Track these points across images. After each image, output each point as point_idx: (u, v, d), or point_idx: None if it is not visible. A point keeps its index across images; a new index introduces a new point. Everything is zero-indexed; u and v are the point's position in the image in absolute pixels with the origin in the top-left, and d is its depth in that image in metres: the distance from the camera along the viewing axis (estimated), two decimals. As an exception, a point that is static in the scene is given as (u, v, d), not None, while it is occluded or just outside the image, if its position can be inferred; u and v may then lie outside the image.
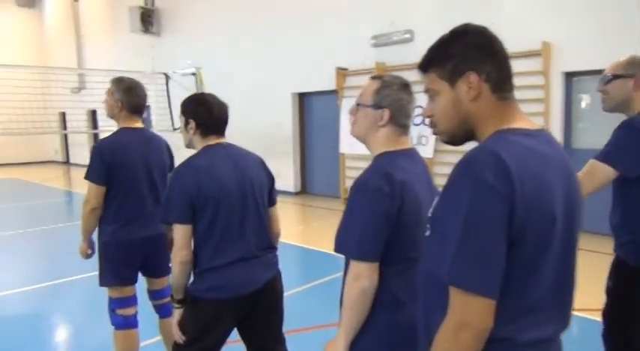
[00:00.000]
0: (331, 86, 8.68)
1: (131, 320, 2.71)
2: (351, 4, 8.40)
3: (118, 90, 2.69)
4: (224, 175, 2.03)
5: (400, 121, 1.58)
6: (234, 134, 2.60)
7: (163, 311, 2.85)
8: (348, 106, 8.22)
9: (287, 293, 2.32)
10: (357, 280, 1.41)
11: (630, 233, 1.99)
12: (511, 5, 6.46)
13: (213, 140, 2.11)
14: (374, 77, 1.64)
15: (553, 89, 6.20)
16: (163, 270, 2.77)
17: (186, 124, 2.12)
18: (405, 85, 1.60)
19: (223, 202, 2.00)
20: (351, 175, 8.45)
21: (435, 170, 6.80)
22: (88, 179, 2.59)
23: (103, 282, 2.67)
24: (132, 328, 2.70)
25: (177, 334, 2.06)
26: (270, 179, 2.25)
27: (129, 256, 2.66)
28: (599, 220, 2.85)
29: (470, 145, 1.13)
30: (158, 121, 10.23)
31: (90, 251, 2.75)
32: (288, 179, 9.61)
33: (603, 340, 2.13)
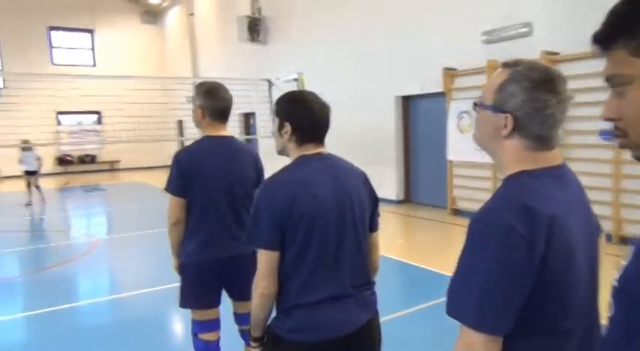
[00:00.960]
0: (438, 88, 8.10)
1: (213, 346, 2.49)
2: (459, -2, 7.79)
3: (198, 95, 2.44)
4: (321, 194, 1.66)
5: (534, 132, 1.07)
6: (334, 140, 2.25)
7: (249, 338, 2.61)
8: (457, 109, 7.79)
9: (385, 318, 1.93)
10: None
11: None
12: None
13: (312, 149, 1.73)
14: (506, 64, 1.13)
15: None
16: (249, 292, 2.51)
17: (281, 127, 1.73)
18: (548, 79, 1.07)
19: (318, 226, 1.64)
20: (459, 184, 7.82)
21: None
22: (167, 190, 2.39)
23: (183, 304, 2.48)
24: (213, 354, 2.49)
25: None
26: (374, 200, 1.83)
27: (207, 278, 2.43)
28: None
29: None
30: (260, 127, 10.36)
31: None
32: (390, 187, 9.18)
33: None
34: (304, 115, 1.71)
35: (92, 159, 19.53)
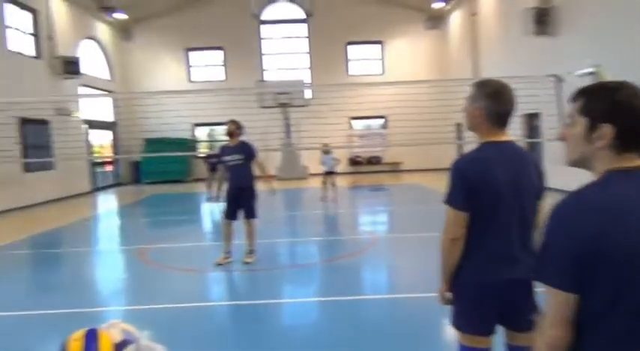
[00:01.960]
0: None
1: (478, 376, 2.32)
2: None
3: (481, 96, 2.21)
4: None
5: None
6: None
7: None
8: None
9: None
10: None
11: None
12: None
13: (632, 161, 1.31)
14: None
15: None
16: (529, 322, 2.17)
17: (591, 129, 1.32)
18: None
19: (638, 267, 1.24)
20: None
21: None
22: (448, 203, 2.20)
23: (455, 324, 2.34)
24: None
25: None
26: None
27: (486, 303, 2.21)
28: None
29: None
30: (547, 129, 9.43)
31: (449, 295, 2.32)
32: None
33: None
34: (634, 113, 1.28)
35: (378, 160, 21.29)
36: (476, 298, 2.22)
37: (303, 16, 21.63)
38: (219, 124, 20.77)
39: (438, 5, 20.03)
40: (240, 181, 6.28)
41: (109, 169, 19.88)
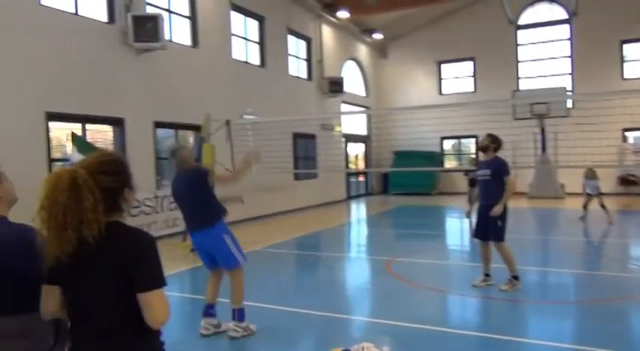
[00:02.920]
0: None
1: None
2: None
3: None
4: None
5: None
6: None
7: None
8: None
9: None
10: None
11: None
12: None
13: None
14: None
15: None
16: None
17: None
18: None
19: None
20: None
21: None
22: None
23: None
24: None
25: None
26: None
27: None
28: None
29: None
30: None
31: None
32: None
33: None
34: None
35: (656, 180, 17.73)
36: None
37: (565, 16, 19.57)
38: (467, 137, 20.48)
39: None
40: (486, 198, 6.08)
41: (362, 179, 21.52)
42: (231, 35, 13.22)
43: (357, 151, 21.02)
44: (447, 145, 21.79)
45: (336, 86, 17.57)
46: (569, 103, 17.27)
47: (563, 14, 19.65)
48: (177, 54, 11.13)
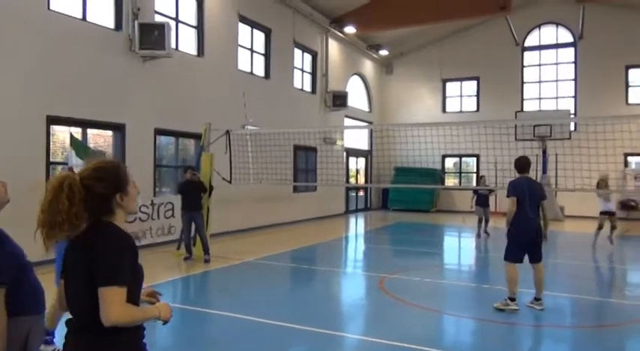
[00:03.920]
0: None
1: None
2: None
3: None
4: None
5: None
6: None
7: None
8: None
9: None
10: None
11: None
12: None
13: None
14: None
15: None
16: None
17: None
18: None
19: None
20: None
21: None
22: None
23: None
24: None
25: None
26: None
27: None
28: None
29: None
30: None
31: None
32: None
33: None
34: None
35: (661, 205, 17.65)
36: None
37: (570, 39, 19.66)
38: (468, 156, 20.46)
39: None
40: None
41: (361, 193, 21.48)
42: (237, 46, 13.31)
43: (358, 165, 21.01)
44: (449, 163, 21.78)
45: (339, 100, 17.62)
46: (572, 126, 17.27)
47: (569, 37, 19.75)
48: (182, 62, 11.21)
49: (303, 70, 16.74)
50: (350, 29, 17.64)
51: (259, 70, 14.45)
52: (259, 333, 5.11)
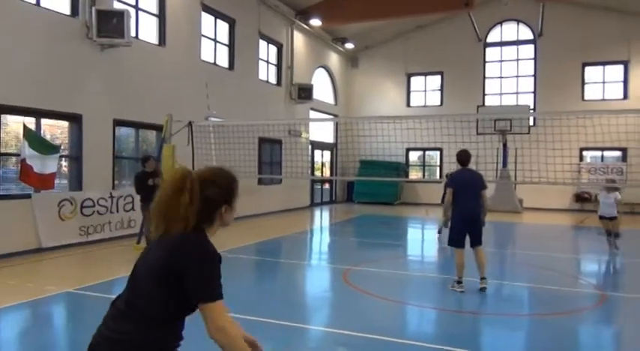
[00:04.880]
0: None
1: None
2: None
3: None
4: None
5: None
6: None
7: None
8: None
9: None
10: None
11: None
12: None
13: None
14: None
15: None
16: None
17: None
18: None
19: None
20: None
21: None
22: None
23: None
24: None
25: None
26: None
27: None
28: None
29: None
30: None
31: None
32: None
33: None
34: None
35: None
36: None
37: (530, 36, 20.18)
38: (432, 150, 20.78)
39: None
40: None
41: (326, 186, 21.52)
42: (200, 36, 13.04)
43: (323, 158, 21.03)
44: (413, 156, 22.06)
45: (305, 93, 17.55)
46: (532, 121, 17.77)
47: (529, 34, 20.26)
48: (142, 52, 10.89)
49: (268, 61, 16.57)
50: (315, 22, 17.56)
51: (223, 61, 14.21)
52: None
